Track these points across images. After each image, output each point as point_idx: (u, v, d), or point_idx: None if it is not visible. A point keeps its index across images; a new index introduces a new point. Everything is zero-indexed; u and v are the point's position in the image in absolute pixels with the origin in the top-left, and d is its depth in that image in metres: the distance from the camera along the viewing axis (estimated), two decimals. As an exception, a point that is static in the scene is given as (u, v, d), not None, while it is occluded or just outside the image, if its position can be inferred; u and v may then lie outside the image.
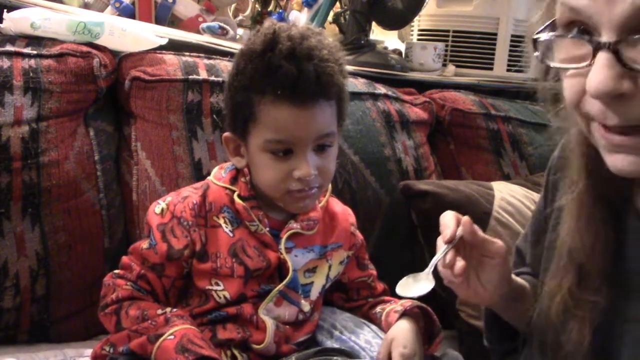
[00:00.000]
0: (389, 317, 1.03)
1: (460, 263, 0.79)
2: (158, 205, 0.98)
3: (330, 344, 1.03)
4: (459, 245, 0.81)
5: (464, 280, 0.82)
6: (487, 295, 0.83)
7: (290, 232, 0.99)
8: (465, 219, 0.82)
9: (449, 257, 0.80)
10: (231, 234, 0.97)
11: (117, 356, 0.92)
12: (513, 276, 0.87)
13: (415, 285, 0.83)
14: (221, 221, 0.98)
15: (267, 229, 0.98)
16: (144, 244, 0.97)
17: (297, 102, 0.90)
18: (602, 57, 0.56)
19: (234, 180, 1.01)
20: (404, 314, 1.01)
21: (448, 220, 0.83)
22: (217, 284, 0.96)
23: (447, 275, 0.81)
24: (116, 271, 0.98)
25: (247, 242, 0.97)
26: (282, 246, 0.98)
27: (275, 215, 1.01)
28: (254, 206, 0.98)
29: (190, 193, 0.99)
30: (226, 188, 1.00)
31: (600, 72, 0.56)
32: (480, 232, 0.82)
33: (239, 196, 0.98)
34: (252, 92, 0.92)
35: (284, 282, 0.98)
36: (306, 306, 1.02)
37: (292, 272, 0.98)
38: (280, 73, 0.88)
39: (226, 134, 1.00)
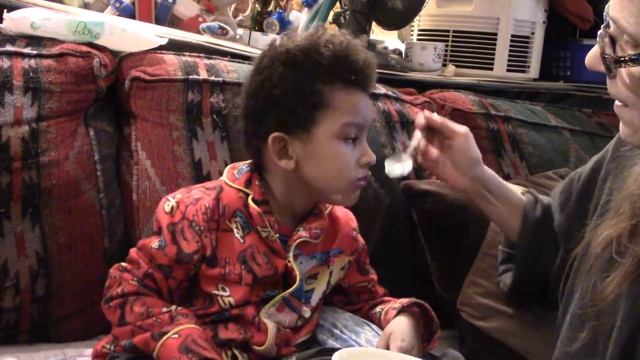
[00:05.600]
0: (388, 315, 1.04)
1: (433, 150, 1.04)
2: (168, 203, 0.96)
3: (331, 343, 1.03)
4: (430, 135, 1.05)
5: (439, 165, 1.05)
6: (459, 177, 1.04)
7: (299, 240, 0.98)
8: (424, 111, 1.06)
9: (422, 143, 1.04)
10: (242, 240, 0.96)
11: (118, 354, 0.92)
12: (491, 171, 1.06)
13: (398, 165, 1.05)
14: (233, 226, 0.96)
15: (278, 235, 0.97)
16: (154, 243, 0.95)
17: (364, 87, 0.97)
18: None
19: (248, 182, 0.99)
20: (402, 310, 1.01)
21: (418, 117, 1.06)
22: (224, 289, 0.95)
23: (422, 162, 1.07)
24: (123, 264, 0.96)
25: (257, 249, 0.96)
26: (290, 254, 0.98)
27: (285, 221, 1.00)
28: (267, 211, 0.97)
29: (203, 195, 0.96)
30: (240, 190, 0.98)
31: None
32: (438, 118, 1.04)
33: (254, 200, 0.97)
34: (319, 81, 0.93)
35: (290, 290, 0.98)
36: (307, 312, 1.01)
37: (299, 281, 0.98)
38: (354, 59, 0.95)
39: (275, 133, 0.94)
